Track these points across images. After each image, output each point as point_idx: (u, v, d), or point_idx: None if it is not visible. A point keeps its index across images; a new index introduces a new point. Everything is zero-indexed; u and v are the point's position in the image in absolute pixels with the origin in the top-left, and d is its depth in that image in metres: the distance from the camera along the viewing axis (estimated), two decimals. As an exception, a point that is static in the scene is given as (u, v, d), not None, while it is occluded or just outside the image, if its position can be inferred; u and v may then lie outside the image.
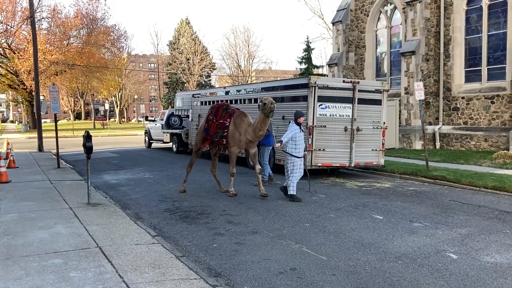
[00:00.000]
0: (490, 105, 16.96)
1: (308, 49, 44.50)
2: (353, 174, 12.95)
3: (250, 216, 7.69)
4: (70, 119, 78.12)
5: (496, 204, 8.61)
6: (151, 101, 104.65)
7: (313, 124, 11.25)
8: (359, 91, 11.55)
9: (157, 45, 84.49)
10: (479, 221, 7.28)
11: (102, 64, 44.77)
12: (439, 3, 18.45)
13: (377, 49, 22.61)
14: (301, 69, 45.13)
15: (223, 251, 5.81)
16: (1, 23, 39.12)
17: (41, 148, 20.18)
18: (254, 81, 54.03)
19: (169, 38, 66.52)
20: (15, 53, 38.36)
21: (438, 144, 18.38)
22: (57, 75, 40.74)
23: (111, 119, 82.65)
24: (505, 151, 14.44)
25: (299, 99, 11.73)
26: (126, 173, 13.35)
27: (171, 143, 20.51)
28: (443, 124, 18.54)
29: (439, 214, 7.78)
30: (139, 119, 74.33)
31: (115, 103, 74.68)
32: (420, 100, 12.73)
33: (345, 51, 23.30)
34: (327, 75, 26.02)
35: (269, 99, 8.81)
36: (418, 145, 18.35)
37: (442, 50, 18.46)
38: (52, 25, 41.87)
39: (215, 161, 10.37)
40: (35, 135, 23.23)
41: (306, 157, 9.99)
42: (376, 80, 21.16)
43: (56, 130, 15.71)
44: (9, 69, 41.28)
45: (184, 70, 56.77)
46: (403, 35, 20.12)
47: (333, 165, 11.70)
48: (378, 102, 11.91)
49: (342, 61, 23.32)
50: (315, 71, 44.04)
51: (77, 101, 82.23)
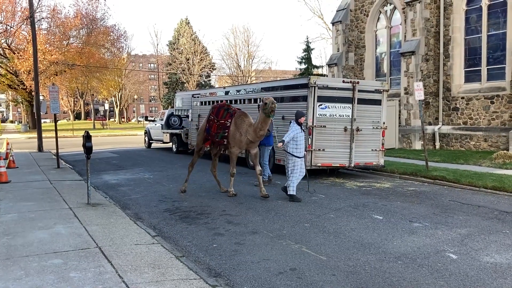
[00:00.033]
0: (489, 105, 16.96)
1: (307, 49, 44.48)
2: (352, 174, 12.95)
3: (250, 216, 7.69)
4: (70, 119, 78.12)
5: (495, 204, 8.62)
6: (151, 101, 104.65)
7: (313, 124, 11.25)
8: (359, 91, 11.56)
9: (157, 45, 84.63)
10: (478, 221, 7.28)
11: (102, 64, 44.80)
12: (439, 3, 18.45)
13: (376, 49, 22.62)
14: (300, 69, 45.10)
15: (223, 251, 5.81)
16: (1, 23, 39.12)
17: (40, 148, 20.17)
18: (254, 81, 54.01)
19: (169, 38, 66.53)
20: (14, 53, 38.37)
21: (437, 144, 18.40)
22: (56, 75, 40.76)
23: (111, 119, 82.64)
24: (505, 151, 14.45)
25: (299, 99, 11.74)
26: (126, 173, 13.35)
27: (171, 143, 20.52)
28: (443, 124, 18.55)
29: (439, 214, 7.78)
30: (139, 119, 74.33)
31: (114, 103, 74.70)
32: (419, 100, 12.73)
33: (345, 51, 23.30)
34: (327, 75, 26.02)
35: (270, 98, 8.79)
36: (417, 145, 18.36)
37: (441, 50, 18.47)
38: (51, 25, 41.92)
39: (215, 161, 10.37)
40: (35, 135, 23.23)
41: (306, 157, 9.99)
42: (375, 80, 21.16)
43: (55, 130, 15.71)
44: (8, 69, 41.27)
45: (183, 70, 56.76)
46: (403, 35, 20.13)
47: (333, 165, 11.70)
48: (377, 102, 11.91)
49: (341, 61, 23.33)
50: (315, 71, 44.02)
51: (76, 101, 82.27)
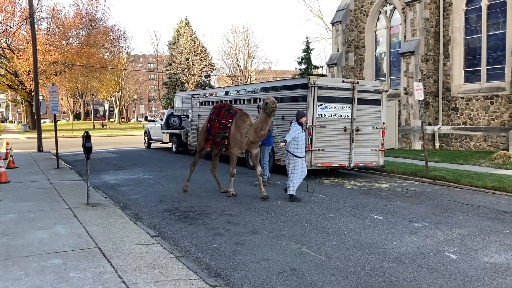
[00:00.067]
0: (489, 105, 16.97)
1: (307, 49, 44.46)
2: (352, 174, 12.95)
3: (249, 216, 7.69)
4: (69, 119, 78.11)
5: (495, 204, 8.62)
6: (150, 101, 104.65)
7: (313, 124, 11.25)
8: (359, 91, 11.56)
9: (157, 45, 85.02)
10: (478, 221, 7.28)
11: (101, 64, 44.81)
12: (439, 4, 18.46)
13: (376, 49, 22.63)
14: (300, 69, 45.08)
15: (222, 251, 5.81)
16: (1, 23, 39.10)
17: (40, 148, 20.16)
18: (253, 82, 54.00)
19: (169, 38, 66.70)
20: (14, 53, 38.37)
21: (437, 144, 18.40)
22: (56, 75, 40.76)
23: (111, 119, 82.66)
24: (505, 151, 14.47)
25: (298, 99, 11.74)
26: (125, 173, 13.34)
27: (171, 143, 20.52)
28: (443, 124, 18.55)
29: (439, 214, 7.78)
30: (139, 119, 74.32)
31: (114, 103, 74.70)
32: (419, 100, 12.73)
33: (345, 51, 23.31)
34: (327, 75, 26.02)
35: (271, 98, 8.76)
36: (417, 145, 18.36)
37: (441, 50, 18.48)
38: (51, 25, 41.90)
39: (216, 161, 10.36)
40: (35, 135, 23.24)
41: (306, 157, 9.99)
42: (375, 80, 21.18)
43: (55, 130, 15.71)
44: (8, 69, 41.25)
45: (183, 70, 56.77)
46: (403, 35, 20.14)
47: (333, 165, 11.70)
48: (377, 102, 11.91)
49: (341, 61, 23.33)
50: (315, 71, 44.00)
51: (76, 101, 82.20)
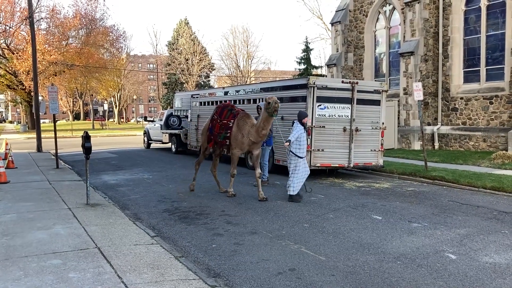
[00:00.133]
0: (488, 105, 16.99)
1: (307, 50, 44.45)
2: (352, 174, 12.96)
3: (249, 216, 7.69)
4: (69, 120, 78.10)
5: (494, 204, 8.62)
6: (150, 101, 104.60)
7: (312, 124, 11.25)
8: (358, 91, 11.56)
9: (156, 45, 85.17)
10: (477, 221, 7.29)
11: (101, 64, 44.80)
12: (438, 4, 18.48)
13: (376, 49, 22.64)
14: (300, 69, 45.07)
15: (222, 251, 5.81)
16: (0, 23, 39.08)
17: (40, 148, 20.15)
18: (253, 82, 54.00)
19: (168, 38, 66.78)
20: (13, 54, 38.34)
21: (436, 144, 18.42)
22: (56, 75, 40.74)
23: (110, 120, 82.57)
24: (504, 152, 14.48)
25: (298, 99, 11.74)
26: (125, 174, 13.34)
27: (170, 144, 20.53)
28: (442, 124, 18.57)
29: (438, 214, 7.79)
30: (138, 119, 74.32)
31: (114, 103, 74.63)
32: (419, 100, 12.74)
33: (344, 51, 23.32)
34: (326, 76, 26.03)
35: (273, 98, 8.69)
36: (417, 145, 18.37)
37: (440, 50, 18.50)
38: (51, 25, 41.89)
39: (216, 161, 10.34)
40: (34, 135, 23.22)
41: (306, 157, 9.98)
42: (375, 80, 21.19)
43: (55, 130, 15.69)
44: (7, 70, 41.22)
45: (183, 70, 56.73)
46: (402, 36, 20.15)
47: (332, 165, 11.70)
48: (377, 102, 11.92)
49: (341, 61, 23.34)
50: (314, 71, 44.01)
51: (76, 102, 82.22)
